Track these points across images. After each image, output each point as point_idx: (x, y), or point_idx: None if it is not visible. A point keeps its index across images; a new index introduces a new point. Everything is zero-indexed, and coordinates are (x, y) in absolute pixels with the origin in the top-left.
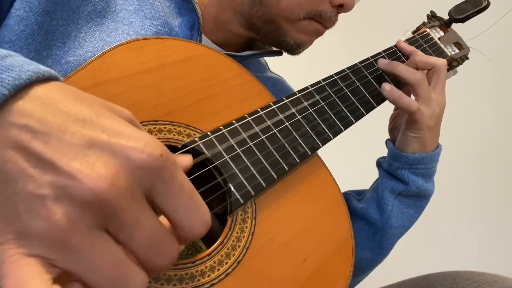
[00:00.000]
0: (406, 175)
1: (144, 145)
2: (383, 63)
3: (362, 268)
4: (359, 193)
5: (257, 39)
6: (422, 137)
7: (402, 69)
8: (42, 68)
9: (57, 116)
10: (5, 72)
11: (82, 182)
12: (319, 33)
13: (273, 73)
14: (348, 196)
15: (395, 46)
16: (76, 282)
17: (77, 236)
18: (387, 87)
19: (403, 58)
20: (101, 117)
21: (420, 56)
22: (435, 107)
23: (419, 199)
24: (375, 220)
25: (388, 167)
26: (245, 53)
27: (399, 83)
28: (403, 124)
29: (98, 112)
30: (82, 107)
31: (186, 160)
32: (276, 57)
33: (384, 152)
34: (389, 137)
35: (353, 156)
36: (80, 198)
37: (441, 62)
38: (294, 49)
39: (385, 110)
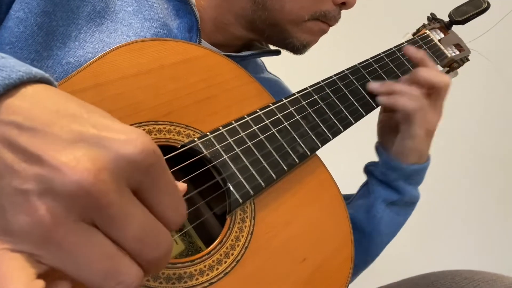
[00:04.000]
0: (402, 186)
1: (136, 140)
2: (375, 86)
3: None
4: (346, 198)
5: (259, 40)
6: (420, 148)
7: (402, 101)
8: (34, 70)
9: (45, 112)
10: None
11: (66, 175)
12: (323, 32)
13: (270, 73)
14: None
15: (394, 47)
16: (64, 280)
17: (63, 232)
18: (382, 97)
19: (403, 59)
20: (91, 113)
21: (425, 72)
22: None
23: (409, 206)
24: (363, 227)
25: (382, 177)
26: (244, 53)
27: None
28: (399, 135)
29: (88, 109)
30: (72, 104)
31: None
32: (273, 57)
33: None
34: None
35: (352, 155)
36: (64, 192)
37: (445, 83)
38: (300, 49)
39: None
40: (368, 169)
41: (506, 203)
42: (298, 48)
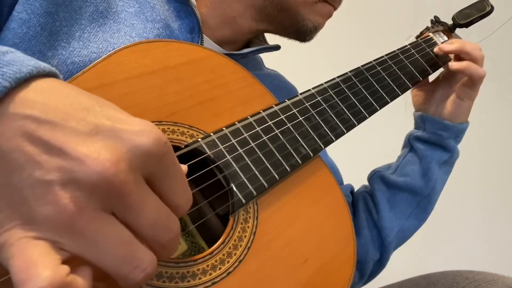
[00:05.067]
0: (452, 144)
1: (149, 131)
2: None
3: (406, 236)
4: (387, 168)
5: (267, 31)
6: (470, 109)
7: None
8: (43, 64)
9: (60, 105)
10: (6, 66)
11: (89, 166)
12: (330, 15)
13: (268, 69)
14: (381, 174)
15: (398, 50)
16: (85, 265)
17: (85, 220)
18: (454, 63)
19: (406, 62)
20: (104, 107)
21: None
22: None
23: (452, 165)
24: (421, 190)
25: (434, 138)
26: (245, 50)
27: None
28: (454, 98)
29: (100, 102)
30: (84, 97)
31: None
32: (270, 55)
33: (383, 155)
34: (414, 112)
35: (353, 157)
36: (87, 182)
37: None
38: (312, 33)
39: (385, 111)
40: (415, 135)
41: (508, 203)
42: (310, 31)
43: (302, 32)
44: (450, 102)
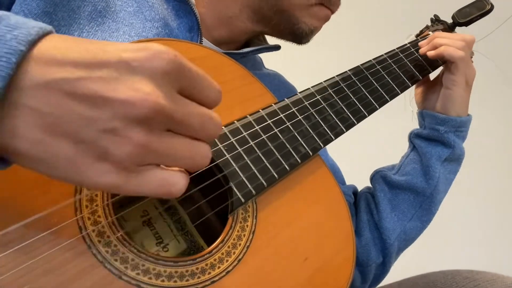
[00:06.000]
0: (452, 138)
1: (158, 53)
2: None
3: (410, 239)
4: (391, 168)
5: (263, 33)
6: (461, 97)
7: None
8: (42, 24)
9: (78, 59)
10: (16, 29)
11: (136, 104)
12: (327, 18)
13: (268, 69)
14: (383, 173)
15: (397, 48)
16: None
17: (156, 143)
18: (432, 51)
19: (406, 61)
20: (108, 45)
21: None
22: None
23: (457, 163)
24: (423, 189)
25: (432, 133)
26: (244, 50)
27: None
28: (442, 89)
29: (101, 43)
30: (88, 43)
31: None
32: (270, 55)
33: (383, 154)
34: (417, 111)
35: (353, 156)
36: (142, 117)
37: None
38: (308, 35)
39: (385, 110)
40: (415, 132)
41: (508, 203)
42: (306, 34)
43: (298, 35)
44: (441, 94)
